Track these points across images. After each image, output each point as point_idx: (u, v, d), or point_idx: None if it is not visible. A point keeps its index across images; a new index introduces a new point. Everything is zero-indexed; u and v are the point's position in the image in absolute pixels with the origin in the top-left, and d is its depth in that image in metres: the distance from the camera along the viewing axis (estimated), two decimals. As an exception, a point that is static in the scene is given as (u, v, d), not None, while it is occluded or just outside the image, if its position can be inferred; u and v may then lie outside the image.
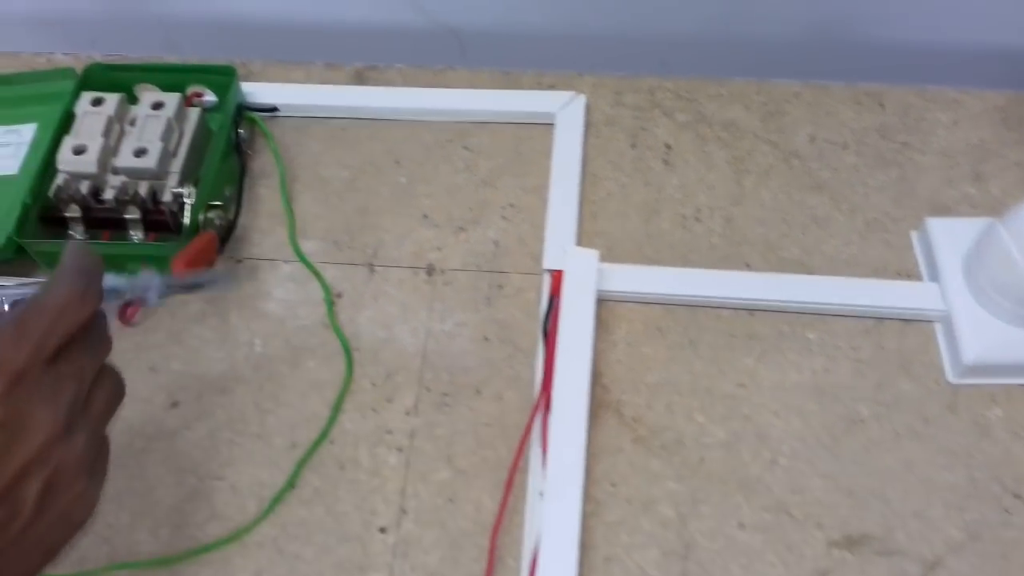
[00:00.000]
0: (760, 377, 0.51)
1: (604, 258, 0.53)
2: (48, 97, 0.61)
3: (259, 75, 0.64)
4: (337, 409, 0.50)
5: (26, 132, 0.62)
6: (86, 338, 0.33)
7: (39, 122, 0.62)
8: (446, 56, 0.66)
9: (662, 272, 0.53)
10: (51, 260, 0.54)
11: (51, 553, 0.32)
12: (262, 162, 0.60)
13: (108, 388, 0.34)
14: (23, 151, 0.61)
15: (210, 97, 0.60)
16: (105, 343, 0.35)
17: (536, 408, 0.48)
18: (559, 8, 0.67)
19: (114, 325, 0.37)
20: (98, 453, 0.33)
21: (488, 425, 0.50)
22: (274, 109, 0.61)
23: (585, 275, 0.52)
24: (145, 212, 0.53)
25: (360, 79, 0.64)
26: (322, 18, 0.68)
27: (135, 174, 0.54)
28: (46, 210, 0.54)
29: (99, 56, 0.66)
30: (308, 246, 0.56)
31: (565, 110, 0.60)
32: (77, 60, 0.66)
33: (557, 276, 0.53)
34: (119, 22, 0.72)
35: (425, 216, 0.58)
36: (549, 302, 0.52)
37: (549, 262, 0.54)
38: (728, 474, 0.48)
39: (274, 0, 0.68)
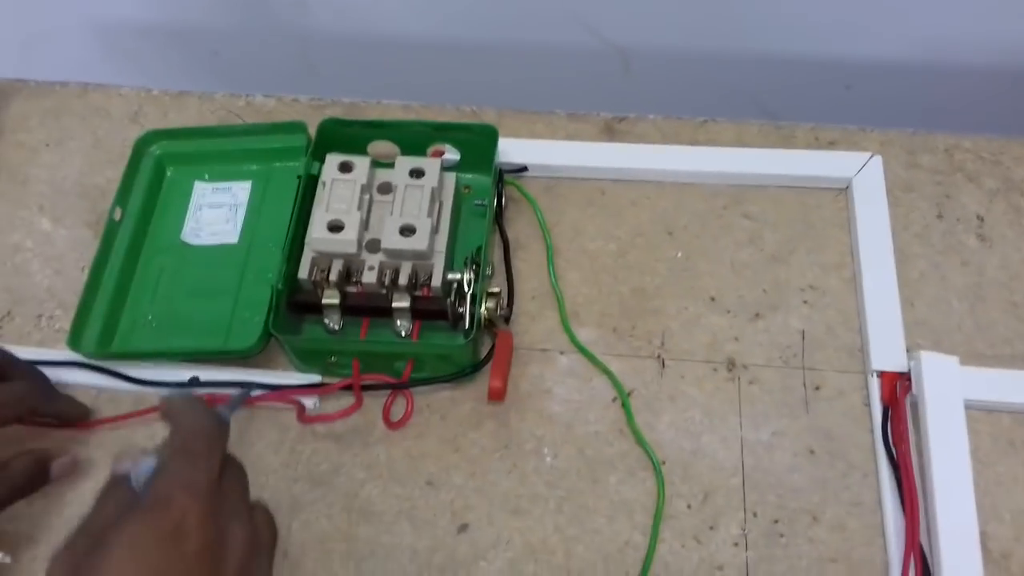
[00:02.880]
0: None
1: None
2: (270, 153, 0.54)
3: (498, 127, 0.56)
4: (655, 538, 0.43)
5: (240, 192, 0.55)
6: (230, 460, 0.36)
7: (254, 180, 0.55)
8: (705, 104, 0.59)
9: (1016, 376, 0.46)
10: (307, 359, 0.47)
11: None
12: (514, 231, 0.53)
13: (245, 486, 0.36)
14: (239, 215, 0.54)
15: (451, 155, 0.53)
16: (237, 462, 0.36)
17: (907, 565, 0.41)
18: (834, 51, 0.59)
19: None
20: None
21: (834, 561, 0.43)
22: (524, 169, 0.54)
23: (947, 388, 0.44)
24: (414, 300, 0.47)
25: (610, 132, 0.56)
26: (566, 69, 0.60)
27: (399, 255, 0.47)
28: (297, 296, 0.47)
29: (305, 100, 0.59)
30: (584, 334, 0.49)
31: (862, 174, 0.53)
32: (281, 103, 0.59)
33: (889, 380, 0.46)
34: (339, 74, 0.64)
35: (712, 299, 0.50)
36: (884, 412, 0.45)
37: (877, 362, 0.47)
38: None
39: (511, 46, 0.60)
